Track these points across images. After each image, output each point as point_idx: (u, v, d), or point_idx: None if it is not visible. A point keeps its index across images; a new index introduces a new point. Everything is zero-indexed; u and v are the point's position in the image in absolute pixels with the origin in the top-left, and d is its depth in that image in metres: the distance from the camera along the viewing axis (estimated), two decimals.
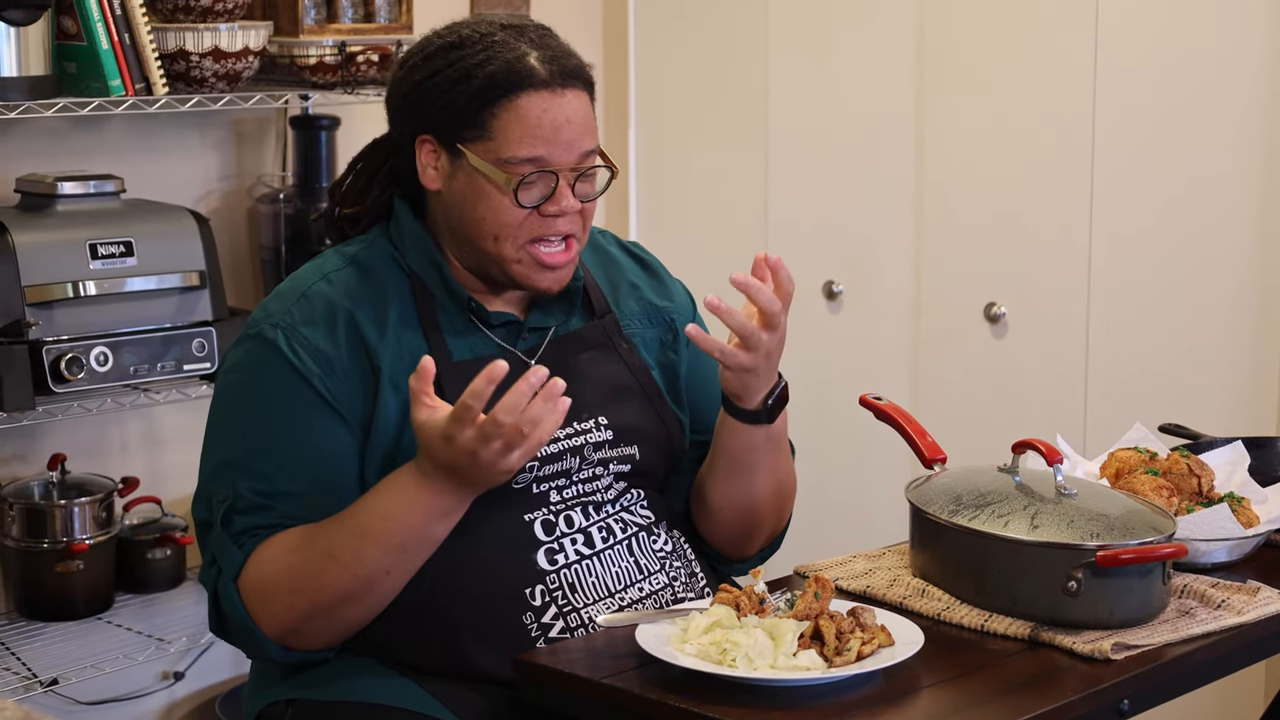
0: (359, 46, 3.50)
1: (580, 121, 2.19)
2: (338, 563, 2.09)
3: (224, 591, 2.14)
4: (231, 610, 2.14)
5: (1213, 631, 2.10)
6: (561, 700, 1.99)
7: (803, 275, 3.94)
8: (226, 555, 2.14)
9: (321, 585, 2.10)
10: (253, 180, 3.67)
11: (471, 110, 2.17)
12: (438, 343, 2.21)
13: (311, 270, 2.27)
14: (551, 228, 2.19)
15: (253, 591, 2.12)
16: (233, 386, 2.22)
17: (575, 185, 2.20)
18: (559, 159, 2.17)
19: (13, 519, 3.29)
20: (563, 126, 2.17)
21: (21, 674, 3.24)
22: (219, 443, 2.20)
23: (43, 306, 3.08)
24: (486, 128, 2.17)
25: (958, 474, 2.25)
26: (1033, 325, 3.62)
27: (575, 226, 2.21)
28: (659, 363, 2.37)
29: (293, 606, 2.11)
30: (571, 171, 2.19)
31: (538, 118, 2.16)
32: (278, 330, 2.18)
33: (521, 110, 2.16)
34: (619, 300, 2.38)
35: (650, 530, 2.30)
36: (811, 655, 1.93)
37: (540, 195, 2.17)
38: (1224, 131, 3.34)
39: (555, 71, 2.18)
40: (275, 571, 2.11)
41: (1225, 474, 2.47)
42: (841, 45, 3.87)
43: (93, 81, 3.19)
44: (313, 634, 2.14)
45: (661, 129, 4.24)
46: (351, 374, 2.17)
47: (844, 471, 3.90)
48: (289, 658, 2.16)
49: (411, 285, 2.24)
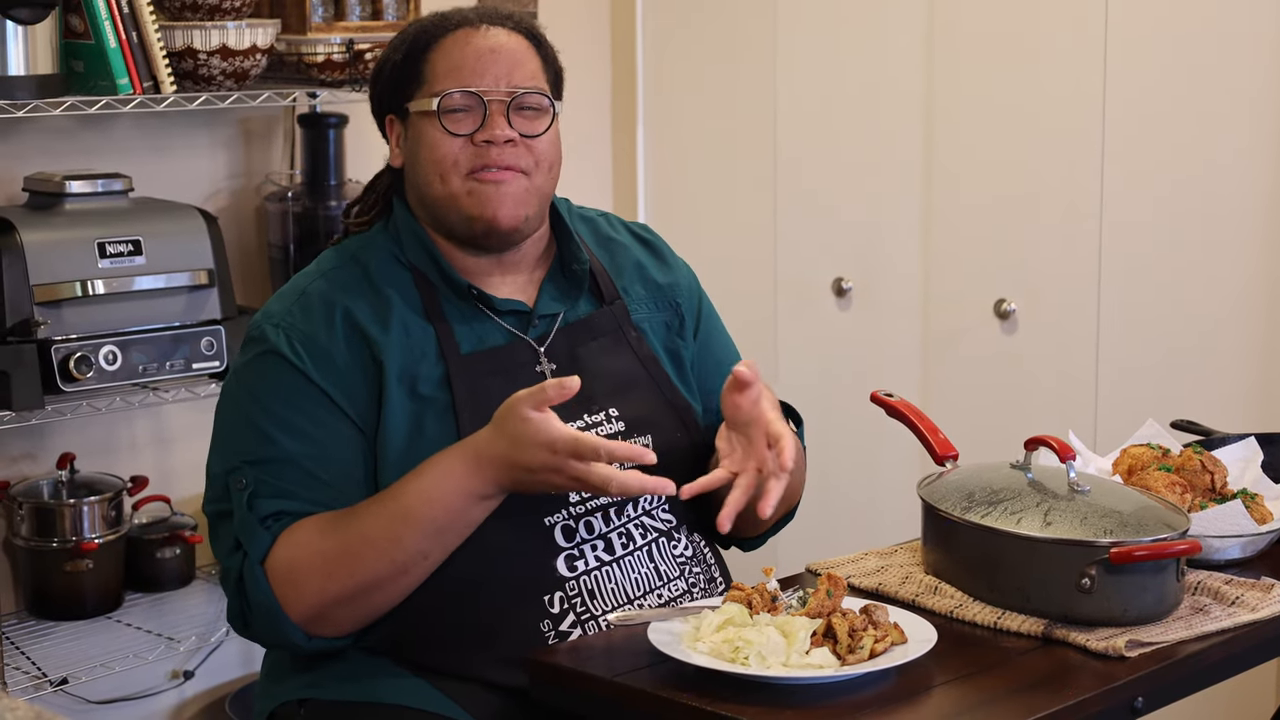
0: (367, 44, 3.50)
1: (509, 53, 2.25)
2: (374, 548, 2.08)
3: (250, 575, 2.12)
4: (258, 594, 2.12)
5: (1227, 628, 2.09)
6: (573, 699, 1.99)
7: (812, 272, 3.97)
8: (253, 538, 2.13)
9: (355, 570, 2.09)
10: (261, 178, 3.67)
11: (407, 66, 2.27)
12: (445, 333, 2.21)
13: (311, 269, 2.29)
14: (488, 157, 2.22)
15: (281, 575, 2.11)
16: (238, 389, 2.22)
17: (511, 118, 2.22)
18: (488, 86, 2.22)
19: (22, 518, 3.29)
20: (486, 56, 2.24)
21: (31, 673, 3.24)
22: (228, 444, 2.20)
23: (51, 305, 3.07)
24: (421, 75, 2.25)
25: (969, 471, 2.25)
26: (1043, 321, 3.62)
27: (519, 159, 2.23)
28: (666, 348, 2.37)
29: (324, 591, 2.10)
30: (503, 102, 2.22)
31: (461, 50, 2.24)
32: (279, 330, 2.19)
33: (446, 46, 2.25)
34: (625, 284, 2.38)
35: (670, 535, 2.29)
36: (824, 653, 1.92)
37: (472, 125, 2.22)
38: (1235, 121, 3.33)
39: (484, 14, 2.27)
40: (307, 555, 2.10)
41: (1238, 470, 2.46)
42: (850, 42, 3.86)
43: (100, 80, 3.18)
44: (339, 620, 2.13)
45: (669, 126, 4.23)
46: (353, 369, 2.17)
47: (855, 469, 3.89)
48: (310, 645, 2.15)
49: (414, 279, 2.25)
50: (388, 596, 2.13)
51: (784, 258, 4.03)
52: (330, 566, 2.10)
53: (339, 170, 3.60)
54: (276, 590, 2.11)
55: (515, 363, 2.23)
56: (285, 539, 2.12)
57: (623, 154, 4.28)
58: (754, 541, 2.43)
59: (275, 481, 2.14)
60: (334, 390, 2.16)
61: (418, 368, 2.17)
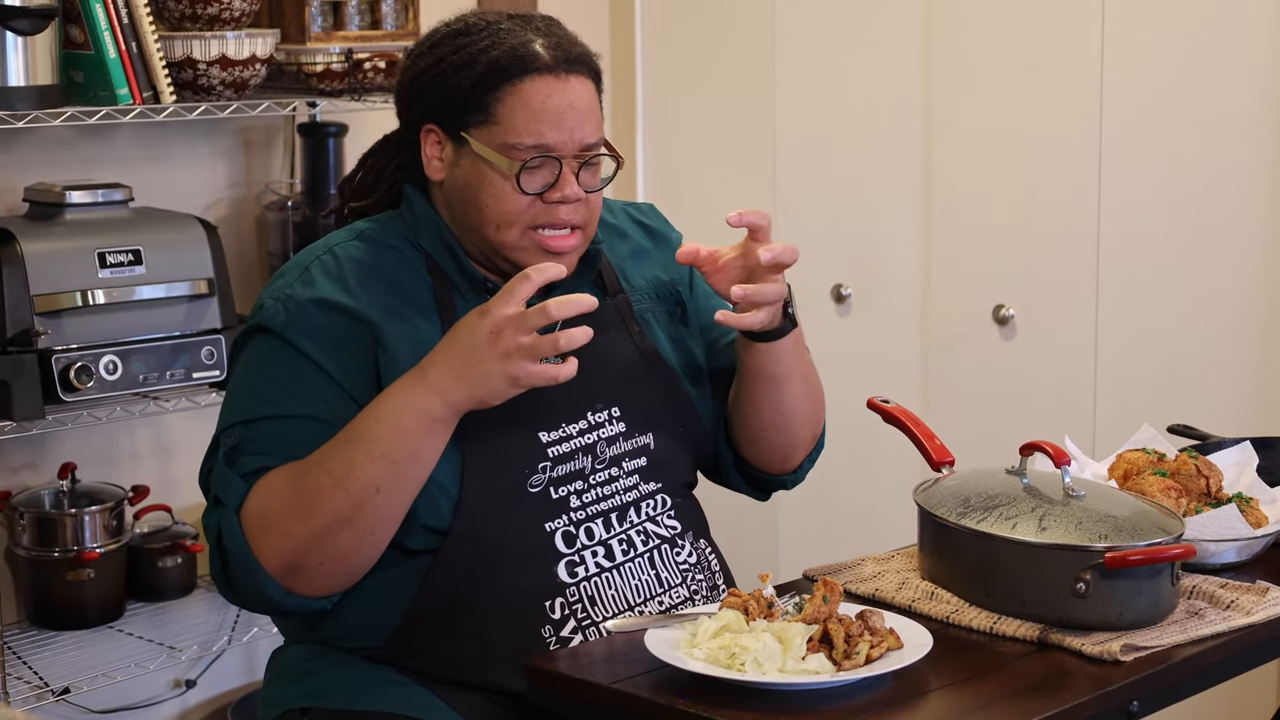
0: (366, 53, 3.51)
1: (584, 108, 2.19)
2: (330, 477, 2.06)
3: (226, 524, 2.10)
4: (233, 544, 2.09)
5: (1222, 632, 2.09)
6: (571, 705, 1.99)
7: (811, 279, 3.97)
8: (228, 488, 2.11)
9: (315, 507, 2.06)
10: (261, 188, 3.68)
11: (475, 95, 2.17)
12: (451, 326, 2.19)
13: (317, 245, 2.26)
14: (555, 216, 2.18)
15: (254, 522, 2.09)
16: (239, 364, 2.21)
17: (579, 174, 2.19)
18: (563, 145, 2.17)
19: (23, 528, 3.29)
20: (566, 112, 2.17)
21: (33, 683, 3.25)
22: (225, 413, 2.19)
23: (52, 316, 3.08)
24: (490, 112, 2.17)
25: (966, 476, 2.25)
26: (1041, 327, 3.62)
27: (579, 216, 2.20)
28: (670, 337, 2.37)
29: (291, 534, 2.07)
30: (575, 159, 2.18)
31: (541, 102, 2.16)
32: (279, 305, 2.17)
33: (525, 94, 2.16)
34: (628, 275, 2.37)
35: (674, 542, 2.29)
36: (820, 659, 1.93)
37: (544, 183, 2.17)
38: (1232, 130, 3.34)
39: (560, 58, 2.18)
40: (275, 498, 2.08)
41: (1234, 474, 2.46)
42: (849, 48, 3.87)
43: (100, 90, 3.19)
44: (311, 571, 2.09)
45: (668, 130, 4.24)
46: (351, 347, 2.15)
47: (852, 474, 3.90)
48: (288, 601, 2.12)
49: (427, 264, 2.23)
50: (351, 539, 2.08)
51: None
52: (295, 506, 2.07)
53: (338, 179, 3.61)
54: (250, 539, 2.08)
55: None
56: (258, 486, 2.10)
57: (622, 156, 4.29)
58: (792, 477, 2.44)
59: (261, 439, 2.12)
60: (331, 366, 2.14)
61: (418, 353, 2.14)
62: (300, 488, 2.08)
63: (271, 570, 2.09)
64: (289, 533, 2.07)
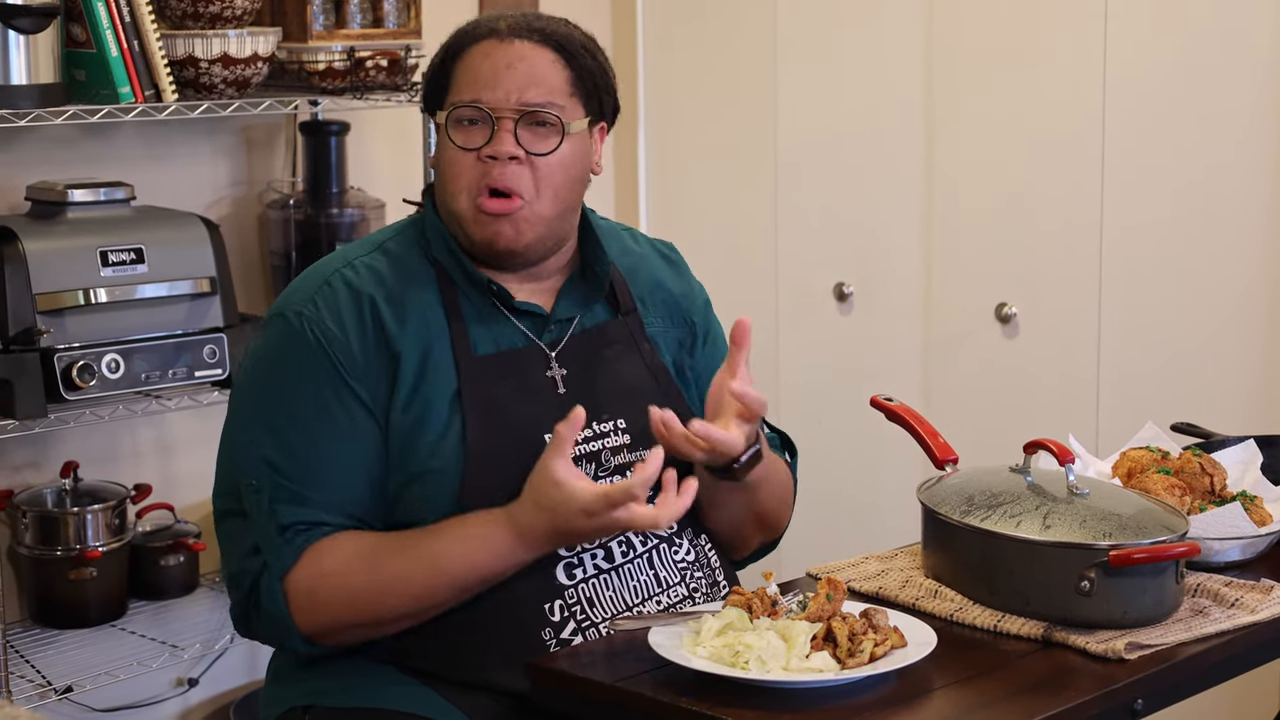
0: (368, 52, 3.51)
1: (526, 69, 2.20)
2: (407, 595, 2.11)
3: (267, 586, 2.13)
4: (273, 606, 2.13)
5: (1226, 630, 2.09)
6: (574, 704, 1.99)
7: (813, 277, 3.97)
8: (275, 551, 2.13)
9: (383, 611, 2.13)
10: (263, 186, 3.68)
11: (441, 72, 2.25)
12: (460, 333, 2.20)
13: (335, 258, 2.27)
14: (491, 175, 2.18)
15: (302, 596, 2.12)
16: (255, 371, 2.22)
17: (520, 134, 2.19)
18: (498, 102, 2.19)
19: (26, 527, 3.29)
20: (502, 71, 2.19)
21: (36, 682, 3.24)
22: (242, 424, 2.19)
23: (54, 314, 3.08)
24: (448, 86, 2.23)
25: (969, 474, 2.25)
26: (1044, 325, 3.62)
27: (520, 181, 2.19)
28: (675, 362, 2.37)
29: (340, 619, 2.13)
30: (511, 117, 2.19)
31: (479, 62, 2.21)
32: (300, 317, 2.18)
33: (470, 58, 2.22)
34: (642, 295, 2.37)
35: (672, 541, 2.29)
36: (824, 657, 1.92)
37: (481, 140, 2.19)
38: (1235, 125, 3.33)
39: (513, 25, 2.22)
40: (332, 585, 2.12)
41: (1238, 472, 2.46)
42: (850, 46, 3.87)
43: (102, 89, 3.19)
44: (346, 639, 2.16)
45: (670, 130, 4.23)
46: (373, 361, 2.17)
47: (855, 473, 3.90)
48: (308, 649, 2.17)
49: (438, 274, 2.24)
50: (400, 629, 2.16)
51: (785, 262, 4.03)
52: (355, 602, 2.12)
53: (340, 178, 3.61)
54: (292, 606, 2.13)
55: (525, 365, 2.23)
56: (311, 562, 2.12)
57: (624, 159, 4.29)
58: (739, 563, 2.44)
59: (290, 485, 2.14)
60: (353, 380, 2.16)
61: (431, 365, 2.17)
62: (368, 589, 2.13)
63: (306, 634, 2.15)
64: (338, 618, 2.14)
